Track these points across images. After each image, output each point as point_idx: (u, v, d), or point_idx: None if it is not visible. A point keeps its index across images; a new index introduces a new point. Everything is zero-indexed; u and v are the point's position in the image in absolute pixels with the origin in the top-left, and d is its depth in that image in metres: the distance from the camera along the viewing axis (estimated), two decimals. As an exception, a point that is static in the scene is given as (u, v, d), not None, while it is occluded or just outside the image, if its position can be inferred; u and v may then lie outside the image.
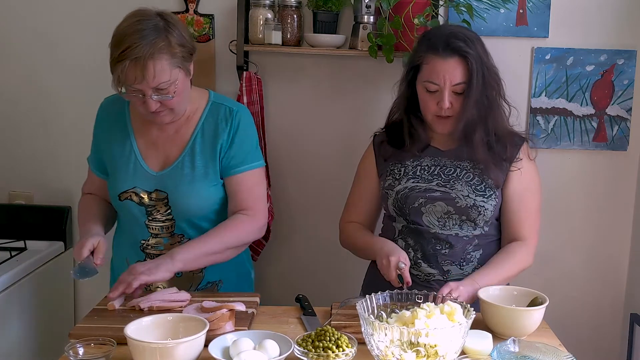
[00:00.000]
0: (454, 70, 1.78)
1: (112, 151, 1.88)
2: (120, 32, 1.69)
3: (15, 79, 2.52)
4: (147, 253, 1.89)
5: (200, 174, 1.84)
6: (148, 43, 1.65)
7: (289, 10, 2.33)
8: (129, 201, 1.85)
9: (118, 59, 1.66)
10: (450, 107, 1.80)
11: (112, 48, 1.69)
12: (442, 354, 1.33)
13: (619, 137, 2.47)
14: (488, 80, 1.83)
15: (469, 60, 1.78)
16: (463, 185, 1.83)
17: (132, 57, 1.64)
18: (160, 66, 1.67)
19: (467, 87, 1.79)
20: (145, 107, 1.73)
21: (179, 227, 1.87)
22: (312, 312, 1.73)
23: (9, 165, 2.57)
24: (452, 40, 1.79)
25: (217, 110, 1.87)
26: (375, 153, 1.99)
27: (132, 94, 1.71)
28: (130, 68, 1.65)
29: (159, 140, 1.86)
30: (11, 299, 2.17)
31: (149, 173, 1.85)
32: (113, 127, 1.89)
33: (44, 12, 2.47)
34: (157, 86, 1.69)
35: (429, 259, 1.86)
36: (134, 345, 1.36)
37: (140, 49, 1.64)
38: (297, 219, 2.57)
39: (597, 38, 2.42)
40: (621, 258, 2.57)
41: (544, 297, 1.63)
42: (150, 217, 1.86)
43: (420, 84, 1.84)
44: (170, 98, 1.72)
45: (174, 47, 1.70)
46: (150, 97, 1.70)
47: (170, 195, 1.83)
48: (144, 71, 1.66)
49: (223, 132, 1.85)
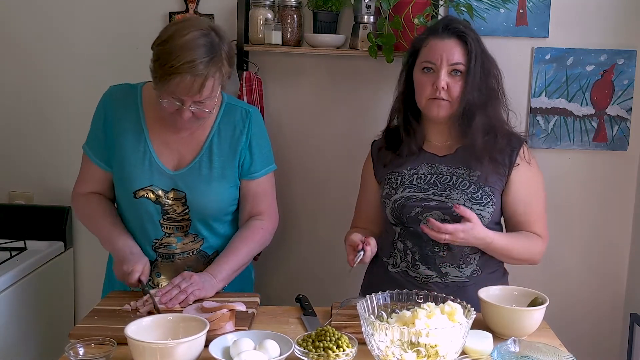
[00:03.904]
0: (452, 49, 1.80)
1: (124, 145, 1.85)
2: (180, 42, 1.66)
3: (15, 79, 2.52)
4: (158, 252, 1.89)
5: (218, 175, 1.85)
6: (210, 60, 1.67)
7: (289, 10, 2.33)
8: (145, 199, 1.84)
9: (177, 71, 1.65)
10: (446, 88, 1.80)
11: (167, 56, 1.66)
12: (443, 354, 1.33)
13: (619, 137, 2.47)
14: (488, 67, 1.84)
15: (468, 41, 1.80)
16: (459, 194, 1.82)
17: (194, 72, 1.65)
18: (215, 84, 1.72)
19: (466, 69, 1.79)
20: (177, 114, 1.74)
21: (194, 227, 1.88)
22: (313, 312, 1.73)
23: (9, 165, 2.57)
24: (451, 23, 1.82)
25: (232, 112, 1.89)
26: (373, 160, 2.00)
27: (171, 101, 1.71)
28: (189, 82, 1.66)
29: (172, 140, 1.86)
30: (11, 299, 2.17)
31: (165, 172, 1.84)
32: (124, 119, 1.86)
33: (45, 13, 2.47)
34: (201, 100, 1.71)
35: (427, 261, 1.86)
36: (134, 345, 1.36)
37: (204, 66, 1.66)
38: (297, 219, 2.57)
39: (597, 38, 2.42)
40: (621, 258, 2.57)
41: (544, 297, 1.63)
42: (165, 216, 1.86)
43: (418, 68, 1.86)
44: (208, 113, 1.76)
45: (225, 66, 1.73)
46: (187, 108, 1.72)
47: (188, 195, 1.84)
48: (201, 88, 1.68)
49: (242, 135, 1.87)
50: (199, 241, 1.90)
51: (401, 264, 1.89)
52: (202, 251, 1.91)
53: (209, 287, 1.76)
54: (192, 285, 1.73)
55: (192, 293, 1.72)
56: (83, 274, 2.63)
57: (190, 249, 1.90)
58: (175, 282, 1.74)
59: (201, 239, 1.90)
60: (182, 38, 1.67)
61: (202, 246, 1.91)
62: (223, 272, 1.82)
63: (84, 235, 2.58)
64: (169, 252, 1.89)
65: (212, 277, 1.79)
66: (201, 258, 1.91)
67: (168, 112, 1.75)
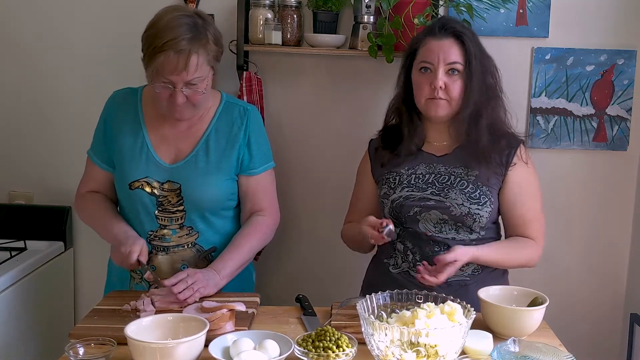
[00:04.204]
0: (449, 48, 1.80)
1: (122, 142, 1.89)
2: (162, 24, 1.72)
3: (15, 79, 2.51)
4: (153, 245, 1.90)
5: (214, 167, 1.87)
6: (193, 37, 1.72)
7: (289, 10, 2.33)
8: (140, 190, 1.86)
9: (161, 49, 1.70)
10: (443, 87, 1.80)
11: (152, 38, 1.72)
12: (443, 354, 1.33)
13: (619, 137, 2.47)
14: (486, 65, 1.84)
15: (465, 40, 1.80)
16: (457, 194, 1.83)
17: (177, 48, 1.69)
18: (200, 61, 1.74)
19: (464, 68, 1.79)
20: (171, 99, 1.77)
21: (189, 219, 1.89)
22: (312, 312, 1.73)
23: (9, 165, 2.57)
24: (448, 23, 1.83)
25: (231, 110, 1.92)
26: (371, 159, 2.00)
27: (163, 85, 1.74)
28: (172, 59, 1.70)
29: (170, 135, 1.89)
30: (11, 299, 2.17)
31: (161, 165, 1.87)
32: (124, 119, 1.90)
33: (45, 13, 2.47)
34: (191, 80, 1.74)
35: (428, 261, 1.84)
36: (134, 345, 1.36)
37: (186, 42, 1.70)
38: (297, 219, 2.57)
39: (597, 38, 2.42)
40: (621, 258, 2.57)
41: (544, 297, 1.63)
42: (160, 208, 1.87)
43: (415, 69, 1.86)
44: (201, 93, 1.78)
45: (211, 45, 1.77)
46: (180, 90, 1.74)
47: (183, 186, 1.86)
48: (187, 63, 1.71)
49: (240, 131, 1.89)
50: (194, 234, 1.91)
51: (402, 265, 1.89)
52: (197, 245, 1.92)
53: (212, 285, 1.77)
54: (197, 283, 1.73)
55: (198, 290, 1.72)
56: (83, 274, 2.63)
57: (185, 242, 1.90)
58: (181, 277, 1.74)
59: (196, 233, 1.91)
60: (165, 19, 1.73)
61: (197, 240, 1.91)
62: (227, 269, 1.83)
63: (84, 235, 2.58)
64: (163, 244, 1.90)
65: (216, 273, 1.80)
66: (197, 252, 1.92)
67: (164, 102, 1.78)
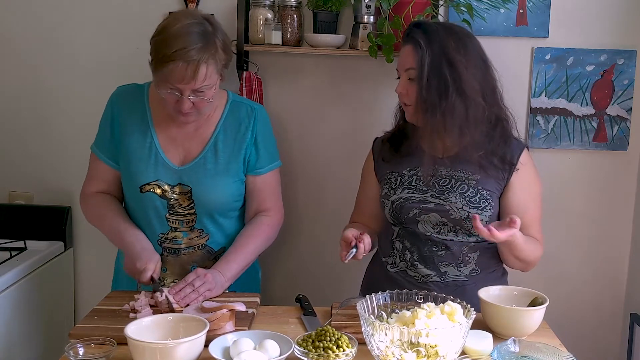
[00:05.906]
0: (407, 56, 1.81)
1: (131, 141, 1.87)
2: (172, 31, 1.70)
3: (15, 79, 2.51)
4: (164, 247, 1.90)
5: (223, 169, 1.87)
6: (202, 47, 1.69)
7: (289, 10, 2.33)
8: (152, 193, 1.86)
9: (170, 58, 1.68)
10: (405, 93, 1.81)
11: (161, 45, 1.70)
12: (443, 354, 1.33)
13: (619, 137, 2.47)
14: (443, 71, 1.75)
15: (420, 45, 1.77)
16: (457, 197, 1.82)
17: (186, 58, 1.68)
18: (209, 70, 1.72)
19: (418, 73, 1.77)
20: (177, 105, 1.76)
21: (200, 222, 1.90)
22: (313, 312, 1.73)
23: (9, 165, 2.57)
24: (412, 29, 1.82)
25: (238, 109, 1.92)
26: (374, 158, 2.00)
27: (169, 92, 1.74)
28: (181, 68, 1.68)
29: (178, 136, 1.88)
30: (11, 299, 2.17)
31: (171, 167, 1.86)
32: (131, 117, 1.89)
33: (45, 12, 2.46)
34: (199, 88, 1.73)
35: (426, 261, 1.86)
36: (134, 345, 1.36)
37: (196, 52, 1.68)
38: (297, 219, 2.57)
39: (597, 38, 2.42)
40: (621, 258, 2.57)
41: (544, 297, 1.63)
42: (171, 211, 1.87)
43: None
44: (208, 101, 1.77)
45: (220, 53, 1.75)
46: (187, 97, 1.74)
47: (193, 189, 1.85)
48: (195, 74, 1.69)
49: (247, 131, 1.89)
50: (205, 236, 1.91)
51: (400, 264, 1.89)
52: (207, 247, 1.92)
53: (219, 287, 1.78)
54: (205, 285, 1.74)
55: (203, 294, 1.73)
56: (83, 274, 2.63)
57: (196, 244, 1.91)
58: (189, 280, 1.74)
59: (207, 235, 1.91)
60: (175, 27, 1.71)
61: (207, 241, 1.92)
62: (232, 270, 1.84)
63: (84, 235, 2.58)
64: (174, 246, 1.90)
65: (221, 274, 1.80)
66: (207, 254, 1.92)
67: (170, 106, 1.78)
